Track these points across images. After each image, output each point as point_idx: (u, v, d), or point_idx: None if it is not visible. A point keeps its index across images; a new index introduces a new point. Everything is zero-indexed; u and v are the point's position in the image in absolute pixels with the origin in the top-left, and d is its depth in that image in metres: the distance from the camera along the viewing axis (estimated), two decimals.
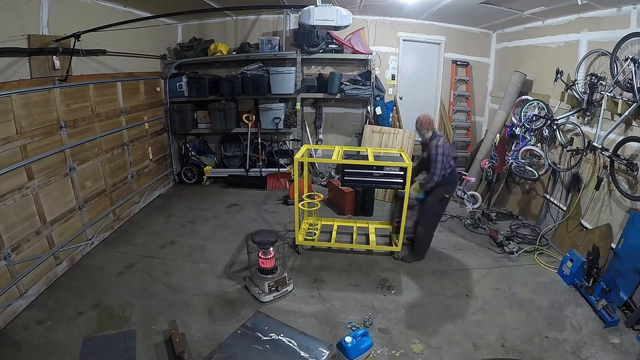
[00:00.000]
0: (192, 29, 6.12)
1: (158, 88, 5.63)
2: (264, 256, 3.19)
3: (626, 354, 2.68)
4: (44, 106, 3.36)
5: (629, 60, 3.25)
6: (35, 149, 3.23)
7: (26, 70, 3.15)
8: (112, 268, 3.67)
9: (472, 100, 6.58)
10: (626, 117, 3.37)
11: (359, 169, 3.66)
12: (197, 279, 3.53)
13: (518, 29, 5.54)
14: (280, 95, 5.86)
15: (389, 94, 6.34)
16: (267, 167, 6.20)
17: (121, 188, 4.62)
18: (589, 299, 3.21)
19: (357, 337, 2.45)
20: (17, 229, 3.04)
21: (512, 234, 4.41)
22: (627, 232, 3.23)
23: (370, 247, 4.00)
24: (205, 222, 4.77)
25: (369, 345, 2.50)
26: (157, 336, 2.76)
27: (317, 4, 3.45)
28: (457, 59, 6.35)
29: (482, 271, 3.76)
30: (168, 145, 5.97)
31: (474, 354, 2.68)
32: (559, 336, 2.85)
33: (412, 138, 5.63)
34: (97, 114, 4.13)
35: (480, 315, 3.09)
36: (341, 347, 2.42)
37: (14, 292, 2.98)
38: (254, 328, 2.80)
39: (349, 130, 6.50)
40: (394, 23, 6.10)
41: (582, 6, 3.76)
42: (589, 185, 3.91)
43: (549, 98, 4.65)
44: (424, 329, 2.92)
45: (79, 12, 3.78)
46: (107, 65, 4.28)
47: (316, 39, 5.57)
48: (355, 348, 2.41)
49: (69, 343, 2.66)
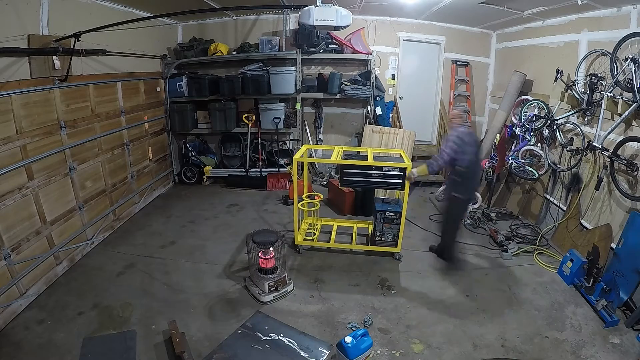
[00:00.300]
0: (192, 29, 6.12)
1: (158, 88, 5.63)
2: (264, 256, 3.19)
3: (626, 354, 2.68)
4: (44, 106, 3.36)
5: (629, 60, 3.25)
6: (35, 149, 3.23)
7: (26, 70, 3.15)
8: (112, 268, 3.67)
9: (472, 100, 6.58)
10: (626, 117, 3.37)
11: (359, 169, 3.66)
12: (197, 279, 3.53)
13: (518, 29, 5.54)
14: (280, 95, 5.86)
15: (389, 94, 6.34)
16: (267, 167, 6.20)
17: (121, 188, 4.62)
18: (589, 299, 3.21)
19: (357, 337, 2.45)
20: (17, 229, 3.05)
21: (512, 234, 4.41)
22: (627, 232, 3.23)
23: (370, 248, 3.99)
24: (205, 222, 4.77)
25: (369, 345, 2.50)
26: (157, 336, 2.76)
27: (317, 4, 3.45)
28: (457, 59, 6.35)
29: (482, 271, 3.76)
30: (168, 145, 5.97)
31: (474, 354, 2.68)
32: (559, 336, 2.85)
33: (412, 138, 5.63)
34: (97, 114, 4.13)
35: (480, 315, 3.09)
36: (341, 347, 2.43)
37: (14, 292, 2.98)
38: (254, 328, 2.80)
39: (349, 130, 6.50)
40: (394, 23, 6.10)
41: (582, 6, 3.76)
42: (589, 185, 3.91)
43: (549, 98, 4.65)
44: (424, 329, 2.92)
45: (79, 12, 3.78)
46: (107, 65, 4.28)
47: (316, 39, 5.57)
48: (355, 348, 2.41)
49: (69, 343, 2.66)
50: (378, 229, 3.82)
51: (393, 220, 3.75)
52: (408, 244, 4.18)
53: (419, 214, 5.13)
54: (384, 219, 3.76)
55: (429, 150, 6.69)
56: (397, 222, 3.74)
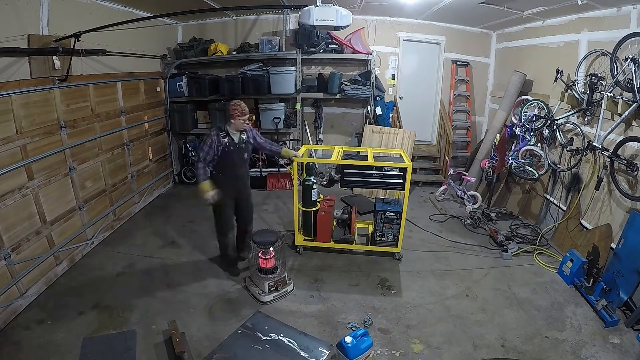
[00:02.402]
0: (192, 29, 6.12)
1: (158, 88, 5.63)
2: (264, 256, 3.19)
3: (626, 354, 2.68)
4: (44, 106, 3.36)
5: (629, 60, 3.25)
6: (35, 149, 3.23)
7: (26, 70, 3.15)
8: (112, 268, 3.67)
9: (472, 100, 6.58)
10: (626, 117, 3.37)
11: (359, 170, 3.66)
12: (197, 279, 3.53)
13: (518, 29, 5.54)
14: (280, 95, 5.86)
15: (389, 94, 6.34)
16: (267, 167, 6.20)
17: (121, 188, 4.62)
18: (589, 299, 3.21)
19: (357, 337, 2.45)
20: (17, 229, 3.04)
21: (512, 234, 4.41)
22: (627, 232, 3.23)
23: (370, 248, 3.99)
24: (205, 222, 4.76)
25: (369, 345, 2.50)
26: (157, 336, 2.76)
27: (317, 4, 3.44)
28: (457, 59, 6.35)
29: (482, 271, 3.76)
30: (168, 145, 5.97)
31: (474, 354, 2.68)
32: (559, 336, 2.85)
33: (413, 138, 5.63)
34: (97, 114, 4.13)
35: (480, 315, 3.09)
36: (341, 347, 2.43)
37: (14, 292, 2.98)
38: (254, 328, 2.80)
39: (349, 130, 6.50)
40: (394, 23, 6.10)
41: (582, 6, 3.76)
42: (589, 185, 3.91)
43: (549, 98, 4.65)
44: (424, 329, 2.92)
45: (79, 12, 3.78)
46: (107, 65, 4.28)
47: (316, 39, 5.57)
48: (355, 348, 2.41)
49: (69, 343, 2.66)
50: (378, 229, 3.82)
51: (393, 220, 3.75)
52: (408, 244, 4.18)
53: (419, 214, 5.14)
54: (384, 219, 3.76)
55: (429, 150, 6.70)
56: (398, 222, 3.74)
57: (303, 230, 4.01)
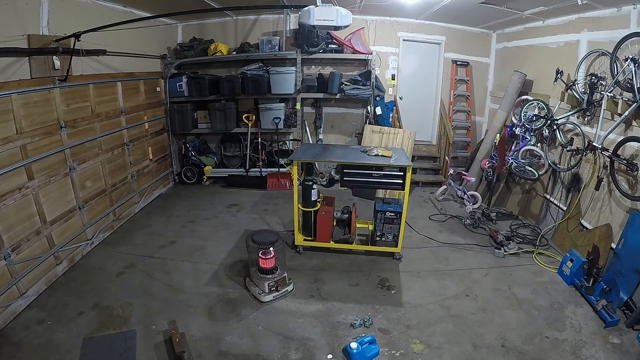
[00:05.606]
0: (192, 29, 6.12)
1: (158, 88, 5.63)
2: (264, 256, 3.18)
3: (626, 354, 2.68)
4: (44, 106, 3.36)
5: (629, 60, 3.25)
6: (35, 149, 3.23)
7: (26, 70, 3.15)
8: (112, 268, 3.67)
9: (472, 100, 6.58)
10: (626, 117, 3.37)
11: (359, 169, 3.66)
12: (197, 279, 3.52)
13: (518, 29, 5.54)
14: (280, 95, 5.86)
15: (389, 94, 6.35)
16: (267, 167, 6.20)
17: (121, 188, 4.62)
18: (589, 299, 3.21)
19: (363, 343, 2.39)
20: (17, 229, 3.04)
21: (512, 234, 4.41)
22: (627, 232, 3.23)
23: (370, 248, 3.99)
24: (205, 222, 4.77)
25: (375, 354, 2.44)
26: (157, 336, 2.76)
27: (317, 4, 3.44)
28: (457, 59, 6.35)
29: (482, 271, 3.76)
30: (168, 145, 5.97)
31: (474, 354, 2.68)
32: (559, 336, 2.85)
33: (412, 138, 5.63)
34: (97, 114, 4.12)
35: (480, 315, 3.09)
36: (346, 353, 2.38)
37: (14, 292, 2.98)
38: None
39: (349, 130, 6.50)
40: (394, 23, 6.10)
41: (582, 6, 3.76)
42: (589, 185, 3.91)
43: (549, 98, 4.65)
44: (424, 329, 2.92)
45: (79, 12, 3.78)
46: (107, 65, 4.28)
47: (316, 39, 5.58)
48: (360, 355, 2.35)
49: (69, 343, 2.66)
50: (378, 229, 3.82)
51: (393, 220, 3.75)
52: (408, 244, 4.18)
53: (419, 214, 5.14)
54: (384, 219, 3.76)
55: (429, 150, 6.70)
56: (397, 222, 3.74)
57: (303, 230, 4.01)
